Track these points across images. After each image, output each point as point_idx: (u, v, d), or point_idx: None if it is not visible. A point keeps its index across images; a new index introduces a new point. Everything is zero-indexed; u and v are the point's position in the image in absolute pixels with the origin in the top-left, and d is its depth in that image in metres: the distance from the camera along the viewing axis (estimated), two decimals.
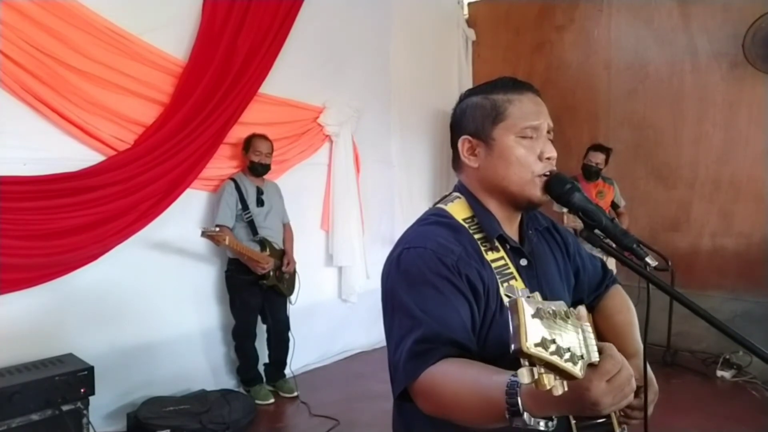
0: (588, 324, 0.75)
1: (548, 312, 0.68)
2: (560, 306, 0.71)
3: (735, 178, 4.56)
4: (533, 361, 0.65)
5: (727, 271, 4.58)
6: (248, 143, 3.68)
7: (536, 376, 0.65)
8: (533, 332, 0.65)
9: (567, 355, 0.66)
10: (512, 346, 0.65)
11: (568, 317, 0.71)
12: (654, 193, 4.93)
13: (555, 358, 0.65)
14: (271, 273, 3.67)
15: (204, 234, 3.31)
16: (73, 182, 2.96)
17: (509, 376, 0.81)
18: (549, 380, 0.65)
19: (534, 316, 0.67)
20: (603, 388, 0.74)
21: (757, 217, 4.47)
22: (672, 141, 4.84)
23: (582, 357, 0.68)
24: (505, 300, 1.06)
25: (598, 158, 4.44)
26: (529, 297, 0.69)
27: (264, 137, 3.71)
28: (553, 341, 0.66)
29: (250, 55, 3.67)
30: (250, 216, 3.65)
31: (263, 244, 3.68)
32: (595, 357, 0.72)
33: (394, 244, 1.14)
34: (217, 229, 3.40)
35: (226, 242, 3.36)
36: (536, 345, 0.64)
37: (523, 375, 0.65)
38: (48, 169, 2.90)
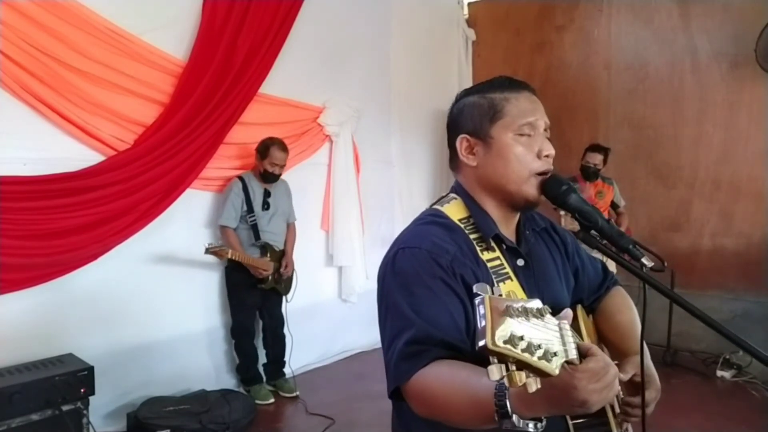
0: (566, 322, 0.74)
1: (518, 309, 0.67)
2: (534, 304, 0.70)
3: (735, 178, 4.56)
4: (503, 358, 0.64)
5: (727, 271, 4.58)
6: (266, 150, 3.61)
7: (505, 373, 0.64)
8: (501, 329, 0.64)
9: (539, 353, 0.65)
10: (479, 343, 0.64)
11: (543, 314, 0.70)
12: (654, 193, 4.93)
13: (526, 356, 0.64)
14: (270, 277, 3.68)
15: (208, 251, 3.33)
16: (73, 182, 2.97)
17: None
18: (520, 377, 0.64)
19: (503, 313, 0.66)
20: (590, 387, 0.74)
21: (757, 217, 4.47)
22: (672, 141, 4.84)
23: (556, 354, 0.67)
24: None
25: (595, 159, 4.43)
26: (500, 295, 0.69)
27: (283, 147, 3.65)
28: (522, 338, 0.65)
29: (250, 55, 3.67)
30: (254, 219, 3.64)
31: (264, 248, 3.69)
32: (573, 354, 0.71)
33: (391, 245, 1.14)
34: (221, 243, 3.41)
35: (229, 255, 3.39)
36: (504, 342, 0.63)
37: (493, 372, 0.64)
38: (48, 169, 2.90)
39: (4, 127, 2.77)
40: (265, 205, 3.70)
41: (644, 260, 1.00)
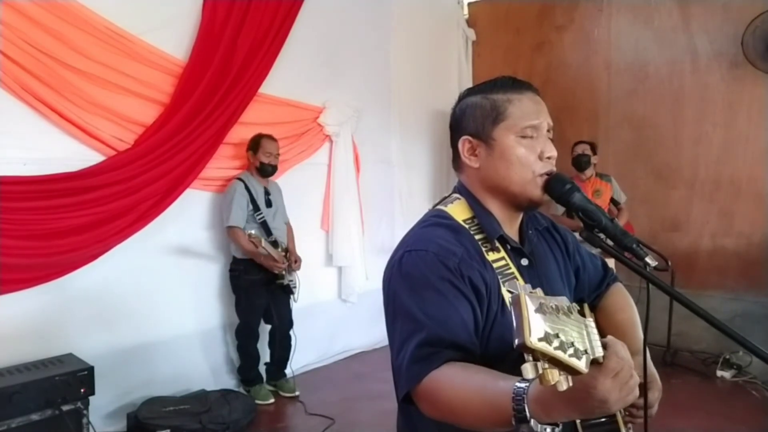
0: (591, 319, 0.74)
1: (551, 307, 0.68)
2: (563, 301, 0.71)
3: (735, 178, 4.56)
4: (537, 356, 0.65)
5: (727, 271, 4.58)
6: (257, 144, 3.66)
7: (540, 371, 0.65)
8: (536, 327, 0.65)
9: (571, 350, 0.66)
10: (516, 341, 0.65)
11: (571, 312, 0.70)
12: (654, 193, 4.93)
13: (559, 353, 0.65)
14: (285, 272, 3.69)
15: (251, 237, 3.36)
16: (73, 182, 2.96)
17: (515, 382, 0.81)
18: (553, 375, 0.65)
19: (537, 311, 0.66)
20: (609, 384, 0.72)
21: (757, 217, 4.47)
22: (672, 141, 4.84)
23: (586, 352, 0.68)
24: (507, 297, 1.06)
25: (582, 147, 4.44)
26: (531, 293, 0.69)
27: (272, 138, 3.70)
28: (557, 336, 0.65)
29: (250, 55, 3.67)
30: (262, 217, 3.65)
31: (276, 244, 3.69)
32: (599, 352, 0.71)
33: (396, 247, 1.13)
34: (253, 232, 3.40)
35: (263, 244, 3.41)
36: (540, 339, 0.64)
37: (527, 370, 0.65)
38: (48, 169, 2.90)
39: (4, 127, 2.77)
40: (268, 203, 3.72)
41: (648, 259, 1.00)
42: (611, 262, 3.44)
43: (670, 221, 4.86)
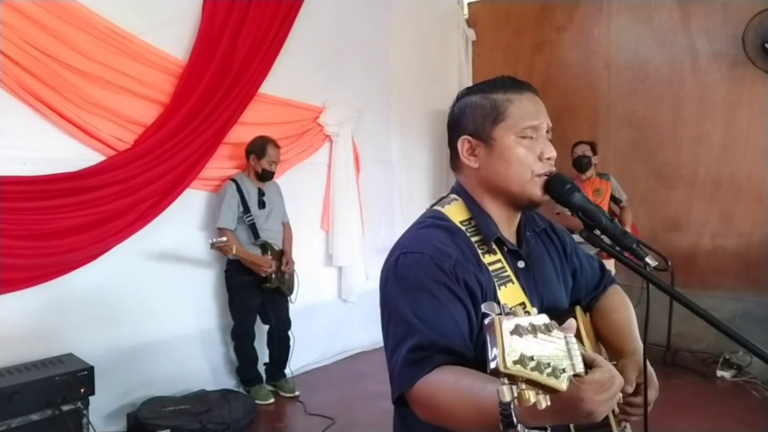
0: (572, 335, 0.74)
1: (527, 328, 0.68)
2: (541, 319, 0.71)
3: (735, 178, 4.56)
4: (514, 378, 0.65)
5: (727, 271, 4.58)
6: (263, 150, 3.64)
7: (516, 393, 0.65)
8: (511, 350, 0.65)
9: (548, 370, 0.66)
10: (490, 366, 0.65)
11: (550, 330, 0.70)
12: (654, 193, 4.93)
13: (535, 374, 0.65)
14: (274, 276, 3.67)
15: (213, 246, 3.33)
16: (73, 182, 2.97)
17: None
18: (530, 396, 0.65)
19: (512, 332, 0.66)
20: (597, 398, 0.74)
21: (757, 217, 4.47)
22: (672, 141, 4.84)
23: (564, 369, 0.68)
24: (502, 301, 1.06)
25: (583, 148, 4.42)
26: (508, 313, 0.69)
27: (276, 144, 3.70)
28: (532, 357, 0.66)
29: (250, 55, 3.68)
30: (252, 219, 3.64)
31: (264, 247, 3.68)
32: (580, 368, 0.72)
33: (391, 248, 1.13)
34: (225, 239, 3.38)
35: (233, 251, 3.37)
36: (515, 363, 0.64)
37: (504, 393, 0.65)
38: (48, 169, 2.90)
39: (4, 127, 2.77)
40: (261, 204, 3.70)
41: (648, 259, 1.00)
42: (611, 263, 3.44)
43: (670, 221, 4.87)
